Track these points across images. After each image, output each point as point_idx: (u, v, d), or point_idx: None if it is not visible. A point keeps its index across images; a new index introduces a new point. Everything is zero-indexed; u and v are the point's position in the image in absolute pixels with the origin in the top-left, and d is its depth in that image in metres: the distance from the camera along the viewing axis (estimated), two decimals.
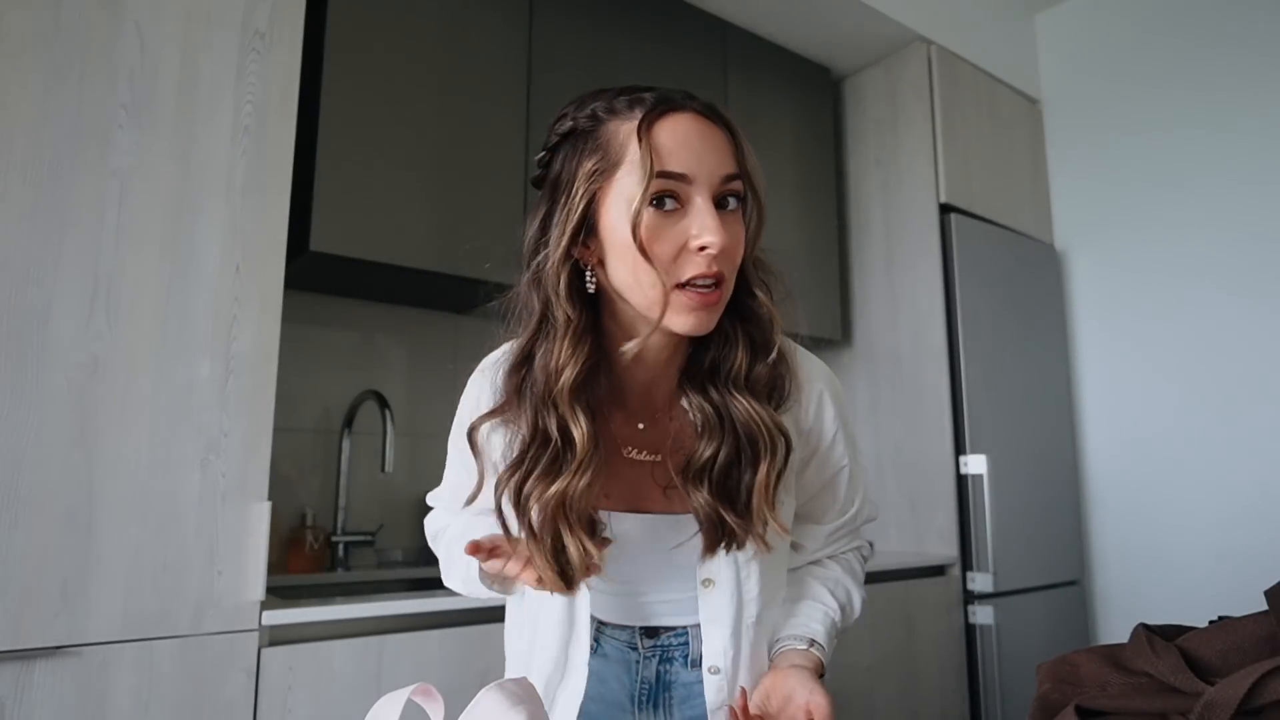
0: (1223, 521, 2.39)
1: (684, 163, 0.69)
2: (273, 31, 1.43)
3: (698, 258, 0.69)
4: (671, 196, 0.69)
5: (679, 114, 0.71)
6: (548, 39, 2.00)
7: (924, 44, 2.57)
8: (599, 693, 0.86)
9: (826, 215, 2.61)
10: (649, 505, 0.81)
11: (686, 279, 0.69)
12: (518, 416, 0.75)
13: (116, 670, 1.16)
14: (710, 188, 0.70)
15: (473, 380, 0.88)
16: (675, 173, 0.68)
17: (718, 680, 0.82)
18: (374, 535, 1.91)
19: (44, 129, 1.21)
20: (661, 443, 0.80)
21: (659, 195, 0.68)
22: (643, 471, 0.81)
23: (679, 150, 0.69)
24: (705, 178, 0.69)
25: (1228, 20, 2.52)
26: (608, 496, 0.80)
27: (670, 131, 0.69)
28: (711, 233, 0.68)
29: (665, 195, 0.69)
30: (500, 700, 0.59)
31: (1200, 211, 2.53)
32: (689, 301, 0.69)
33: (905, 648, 2.12)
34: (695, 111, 0.72)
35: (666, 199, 0.69)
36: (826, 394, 0.86)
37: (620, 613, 0.88)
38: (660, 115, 0.70)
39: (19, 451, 1.14)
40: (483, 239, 1.85)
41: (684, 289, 0.69)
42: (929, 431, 2.41)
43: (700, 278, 0.69)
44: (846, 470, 0.89)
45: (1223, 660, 0.51)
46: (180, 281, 1.29)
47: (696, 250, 0.68)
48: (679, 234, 0.69)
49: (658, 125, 0.70)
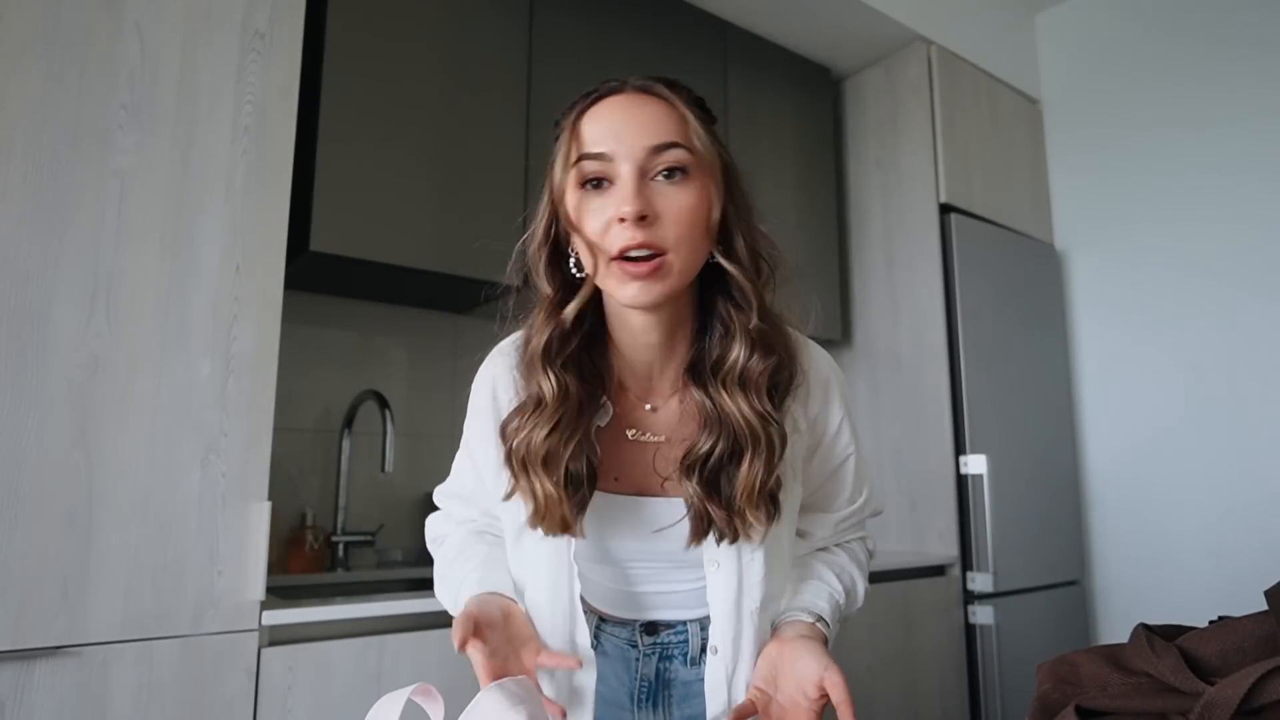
0: (1223, 521, 2.39)
1: (603, 142, 0.71)
2: (273, 31, 1.43)
3: (621, 229, 0.70)
4: (598, 177, 0.72)
5: (609, 98, 0.74)
6: (548, 39, 2.00)
7: (924, 44, 2.57)
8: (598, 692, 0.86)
9: (826, 215, 2.61)
10: (652, 489, 0.81)
11: (617, 251, 0.70)
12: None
13: (116, 670, 1.17)
14: (635, 160, 0.71)
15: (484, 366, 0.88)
16: (594, 153, 0.71)
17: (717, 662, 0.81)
18: (374, 535, 1.91)
19: (44, 129, 1.21)
20: (668, 426, 0.81)
21: (589, 178, 0.72)
22: (648, 454, 0.81)
23: (600, 132, 0.72)
24: (627, 151, 0.71)
25: (1228, 19, 2.52)
26: (616, 480, 0.81)
27: (594, 116, 0.73)
28: (626, 202, 0.69)
29: (592, 178, 0.72)
30: (500, 700, 0.59)
31: (1201, 211, 2.53)
32: (621, 273, 0.71)
33: (905, 648, 2.12)
34: (628, 91, 0.74)
35: (594, 181, 0.72)
36: (833, 383, 0.87)
37: (621, 605, 0.88)
38: (591, 104, 0.74)
39: (19, 451, 1.14)
40: (483, 239, 1.85)
41: (619, 261, 0.71)
42: (929, 431, 2.41)
43: (628, 249, 0.70)
44: (852, 459, 0.90)
45: (1223, 660, 0.51)
46: (180, 281, 1.29)
47: (618, 221, 0.70)
48: (607, 209, 0.71)
49: (586, 114, 0.74)
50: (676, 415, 0.82)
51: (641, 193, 0.70)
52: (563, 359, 0.76)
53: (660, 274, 0.71)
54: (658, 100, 0.74)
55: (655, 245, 0.70)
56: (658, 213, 0.70)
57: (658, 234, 0.70)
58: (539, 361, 0.76)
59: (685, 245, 0.72)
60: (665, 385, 0.82)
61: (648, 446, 0.82)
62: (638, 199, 0.69)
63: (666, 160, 0.71)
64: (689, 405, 0.80)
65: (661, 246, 0.70)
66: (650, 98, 0.74)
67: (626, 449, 0.82)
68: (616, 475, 0.81)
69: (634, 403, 0.83)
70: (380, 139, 1.71)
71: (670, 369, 0.81)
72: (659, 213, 0.70)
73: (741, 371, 0.75)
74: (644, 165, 0.71)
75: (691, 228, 0.72)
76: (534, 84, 1.95)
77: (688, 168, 0.72)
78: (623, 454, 0.82)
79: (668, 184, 0.71)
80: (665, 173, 0.71)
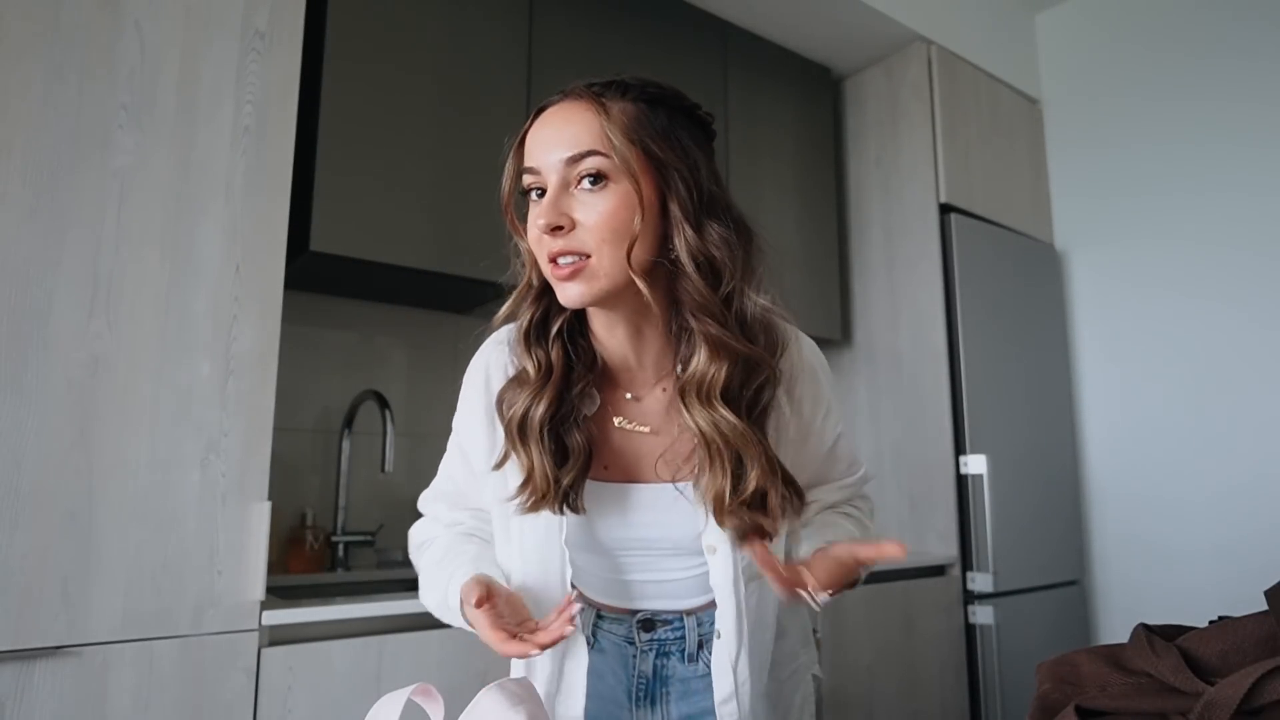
0: (1222, 521, 2.39)
1: (534, 157, 0.76)
2: (273, 31, 1.43)
3: (546, 238, 0.74)
4: (535, 187, 0.76)
5: (546, 111, 0.78)
6: (548, 39, 2.00)
7: (924, 44, 2.57)
8: (596, 689, 0.86)
9: (826, 215, 2.61)
10: (644, 476, 0.83)
11: (546, 257, 0.75)
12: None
13: (116, 670, 1.17)
14: (557, 172, 0.74)
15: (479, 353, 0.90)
16: (527, 168, 0.77)
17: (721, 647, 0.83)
18: (374, 535, 1.91)
19: (44, 129, 1.21)
20: (653, 416, 0.84)
21: (528, 188, 0.77)
22: (637, 443, 0.84)
23: (533, 146, 0.77)
24: (551, 166, 0.75)
25: (1228, 20, 2.52)
26: (606, 468, 0.83)
27: (533, 131, 0.78)
28: (540, 214, 0.74)
29: (531, 189, 0.77)
30: (500, 700, 0.59)
31: (1201, 211, 2.53)
32: (554, 277, 0.75)
33: (905, 647, 2.12)
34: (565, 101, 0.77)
35: (533, 191, 0.77)
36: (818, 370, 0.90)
37: (614, 594, 0.88)
38: (534, 119, 0.78)
39: (19, 451, 1.14)
40: (483, 239, 1.85)
41: (551, 265, 0.75)
42: (929, 431, 2.41)
43: (552, 255, 0.74)
44: (844, 438, 0.94)
45: (1223, 660, 0.51)
46: (180, 281, 1.29)
47: (540, 231, 0.74)
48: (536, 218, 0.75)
49: (530, 129, 0.78)
50: (662, 405, 0.84)
51: (557, 204, 0.73)
52: (547, 339, 0.81)
53: (583, 276, 0.74)
54: (584, 106, 0.75)
55: (575, 250, 0.73)
56: (575, 221, 0.73)
57: (575, 241, 0.73)
58: (523, 341, 0.81)
59: (607, 247, 0.73)
60: (647, 375, 0.84)
61: (635, 436, 0.84)
62: (550, 210, 0.73)
63: (583, 169, 0.74)
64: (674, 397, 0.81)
65: (582, 250, 0.73)
66: (579, 105, 0.76)
67: (616, 438, 0.84)
68: (606, 464, 0.84)
69: (620, 393, 0.85)
70: (380, 139, 1.71)
71: (648, 360, 0.83)
72: (577, 220, 0.73)
73: (700, 381, 0.76)
74: (564, 176, 0.74)
75: (611, 231, 0.73)
76: (534, 85, 1.95)
77: (605, 173, 0.73)
78: (612, 443, 0.84)
79: (588, 191, 0.74)
80: (588, 180, 0.74)
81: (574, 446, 0.79)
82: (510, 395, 0.81)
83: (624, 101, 0.76)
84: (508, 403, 0.81)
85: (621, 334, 0.82)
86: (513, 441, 0.80)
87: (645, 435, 0.83)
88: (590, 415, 0.82)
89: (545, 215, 0.73)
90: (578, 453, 0.79)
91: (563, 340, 0.82)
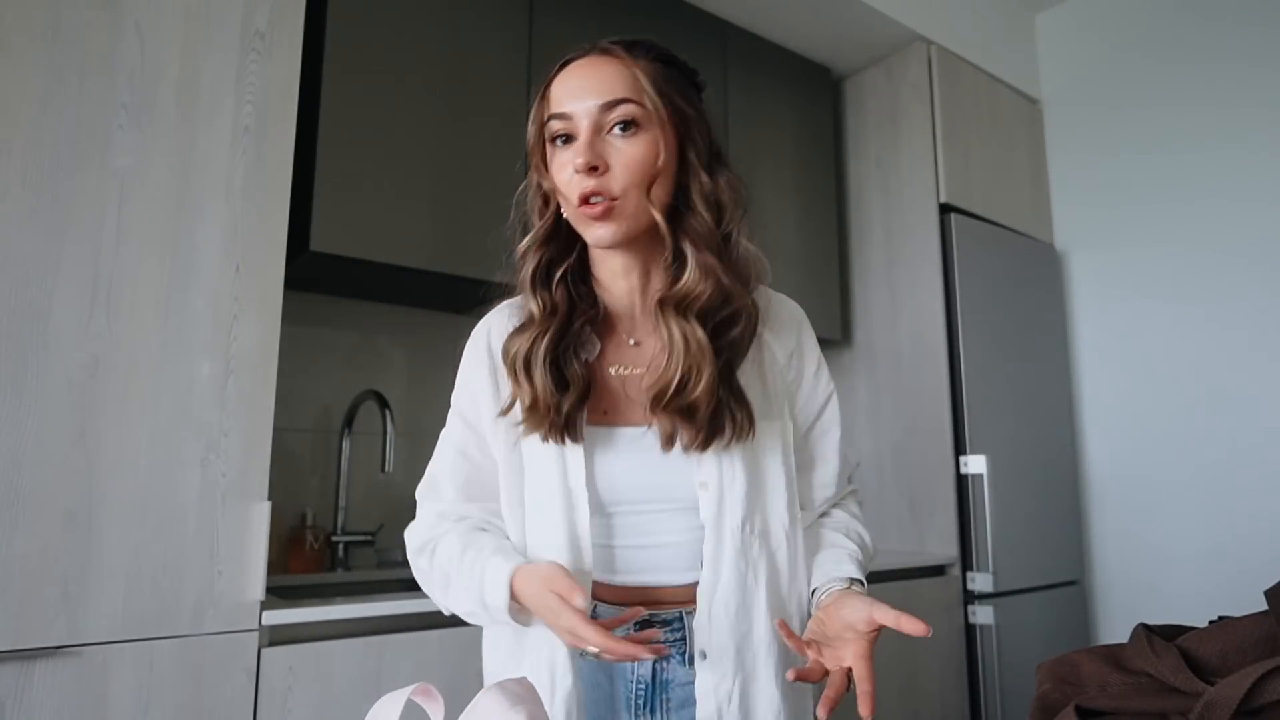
0: (1223, 521, 2.39)
1: (565, 103, 0.81)
2: (273, 31, 1.43)
3: (578, 178, 0.79)
4: (564, 134, 0.81)
5: (574, 62, 0.83)
6: (548, 40, 2.00)
7: (924, 44, 2.57)
8: (592, 696, 0.85)
9: (826, 216, 2.61)
10: (639, 419, 0.86)
11: (576, 198, 0.80)
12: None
13: (116, 670, 1.16)
14: (589, 117, 0.80)
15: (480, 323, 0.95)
16: (558, 113, 0.82)
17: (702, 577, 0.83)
18: (374, 535, 1.91)
19: (44, 129, 1.21)
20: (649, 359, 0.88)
21: (556, 135, 0.82)
22: (634, 387, 0.87)
23: (563, 93, 0.82)
24: (583, 112, 0.80)
25: (1228, 21, 2.52)
26: (605, 413, 0.87)
27: (560, 80, 0.83)
28: (579, 155, 0.79)
29: (558, 134, 0.82)
30: (500, 700, 0.59)
31: (1202, 211, 2.53)
32: (583, 218, 0.81)
33: (905, 648, 2.12)
34: (592, 55, 0.83)
35: (562, 137, 0.82)
36: (804, 324, 0.96)
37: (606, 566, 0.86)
38: (560, 69, 0.84)
39: (19, 451, 1.14)
40: (482, 239, 1.85)
41: (581, 206, 0.80)
42: (929, 431, 2.41)
43: (583, 195, 0.79)
44: (835, 397, 0.97)
45: (1223, 660, 0.51)
46: (180, 281, 1.29)
47: (575, 172, 0.79)
48: (569, 162, 0.80)
49: (556, 78, 0.84)
50: (657, 350, 0.87)
51: (593, 146, 0.79)
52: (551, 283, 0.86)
53: (612, 216, 0.80)
54: (615, 61, 0.82)
55: (605, 191, 0.79)
56: (608, 163, 0.79)
57: (607, 182, 0.79)
58: (528, 286, 0.86)
59: (634, 190, 0.80)
60: (648, 321, 0.89)
61: (632, 380, 0.88)
62: (588, 151, 0.79)
63: (617, 115, 0.80)
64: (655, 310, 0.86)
65: (611, 192, 0.79)
66: (609, 59, 0.82)
67: (614, 384, 0.88)
68: (605, 409, 0.87)
69: (621, 339, 0.90)
70: (380, 139, 1.71)
71: (650, 305, 0.88)
72: (610, 163, 0.79)
73: (683, 296, 0.82)
74: (598, 121, 0.80)
75: (641, 175, 0.80)
76: (534, 84, 1.93)
77: (638, 120, 0.80)
78: (610, 389, 0.88)
79: (619, 137, 0.80)
80: (619, 126, 0.80)
81: (573, 377, 0.83)
82: (513, 340, 0.85)
83: (646, 60, 0.83)
84: (512, 347, 0.85)
85: (631, 277, 0.88)
86: (515, 376, 0.84)
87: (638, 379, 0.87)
88: (590, 361, 0.87)
89: (583, 155, 0.78)
90: (577, 381, 0.83)
91: (566, 284, 0.87)
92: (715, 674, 0.83)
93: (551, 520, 0.84)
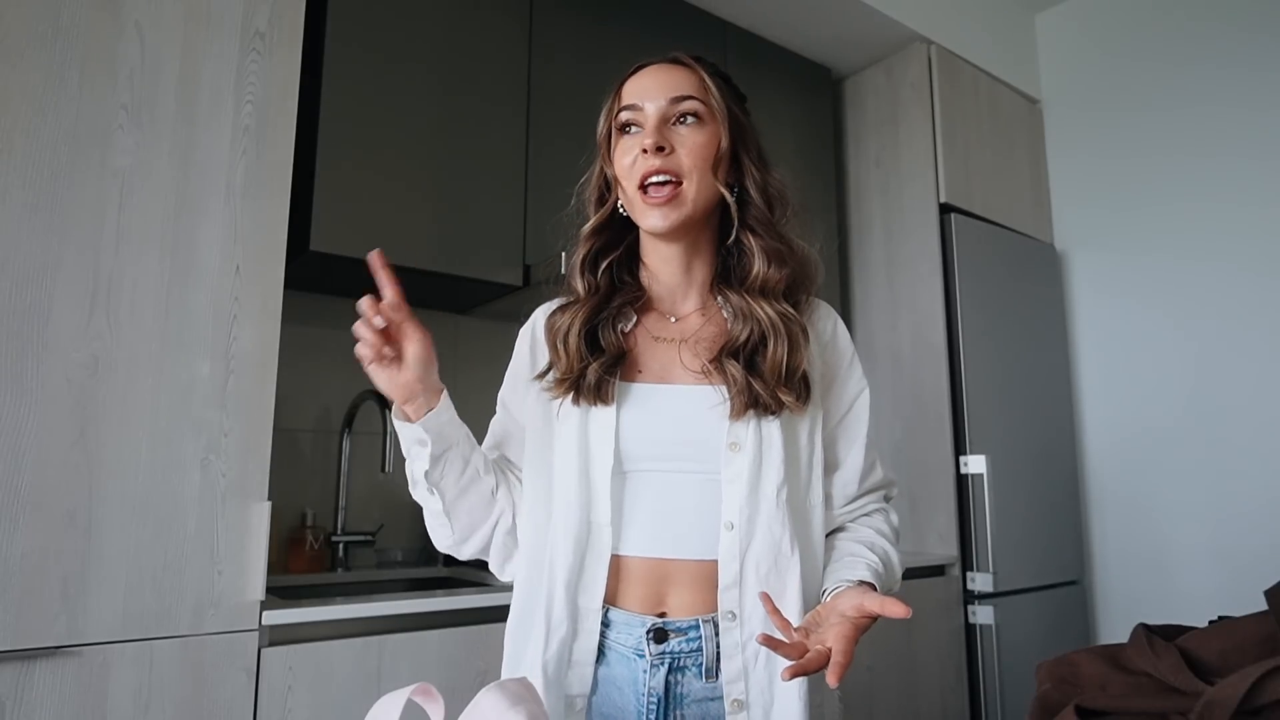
0: (1223, 521, 2.39)
1: (635, 96, 0.90)
2: (273, 31, 1.43)
3: (643, 159, 0.86)
4: (631, 123, 0.90)
5: (646, 67, 0.92)
6: (548, 40, 2.00)
7: (924, 44, 2.57)
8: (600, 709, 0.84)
9: (826, 215, 2.61)
10: (676, 378, 0.90)
11: (640, 180, 0.86)
12: None
13: (116, 670, 1.16)
14: (658, 107, 0.88)
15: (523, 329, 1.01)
16: (628, 104, 0.90)
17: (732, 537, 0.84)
18: (374, 535, 1.91)
19: (44, 130, 1.21)
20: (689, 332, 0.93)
21: (624, 124, 0.90)
22: (671, 350, 0.92)
23: (634, 90, 0.90)
24: (653, 102, 0.88)
25: (1228, 21, 2.52)
26: (640, 372, 0.91)
27: (632, 80, 0.92)
28: (648, 135, 0.86)
29: (627, 124, 0.90)
30: (500, 700, 0.59)
31: (1202, 211, 2.52)
32: (645, 202, 0.87)
33: (905, 648, 2.12)
34: (662, 63, 0.92)
35: (628, 127, 0.90)
36: (839, 320, 1.00)
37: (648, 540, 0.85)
38: (632, 73, 0.92)
39: (19, 451, 1.14)
40: (483, 239, 1.85)
41: (642, 192, 0.87)
42: (929, 431, 2.41)
43: (648, 173, 0.86)
44: (866, 393, 0.98)
45: (1223, 660, 0.51)
46: (180, 281, 1.29)
47: (642, 153, 0.86)
48: (635, 145, 0.88)
49: (628, 80, 0.92)
50: (698, 324, 0.93)
51: (660, 130, 0.87)
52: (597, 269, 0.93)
53: (676, 201, 0.86)
54: (683, 67, 0.91)
55: (671, 171, 0.86)
56: (674, 147, 0.86)
57: (673, 163, 0.86)
58: (577, 269, 0.94)
59: (697, 174, 0.87)
60: (690, 304, 0.95)
61: (669, 344, 0.93)
62: (656, 133, 0.86)
63: (683, 108, 0.88)
64: (712, 315, 0.93)
65: (677, 174, 0.86)
66: (678, 65, 0.91)
67: (650, 347, 0.93)
68: (640, 369, 0.92)
69: (659, 316, 0.96)
70: (380, 139, 1.71)
71: (693, 290, 0.95)
72: (675, 147, 0.86)
73: (764, 281, 0.89)
74: (665, 112, 0.88)
75: (703, 160, 0.87)
76: (534, 85, 1.95)
77: (701, 115, 0.88)
78: (646, 352, 0.93)
79: (684, 127, 0.88)
80: (682, 118, 0.88)
81: (607, 344, 0.89)
82: (556, 316, 0.92)
83: (709, 72, 0.92)
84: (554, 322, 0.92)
85: (676, 265, 0.94)
86: (553, 346, 0.90)
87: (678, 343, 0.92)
88: (627, 331, 0.93)
89: (651, 136, 0.86)
90: (611, 348, 0.89)
91: (611, 272, 0.94)
92: (744, 633, 0.82)
93: (573, 479, 0.86)
